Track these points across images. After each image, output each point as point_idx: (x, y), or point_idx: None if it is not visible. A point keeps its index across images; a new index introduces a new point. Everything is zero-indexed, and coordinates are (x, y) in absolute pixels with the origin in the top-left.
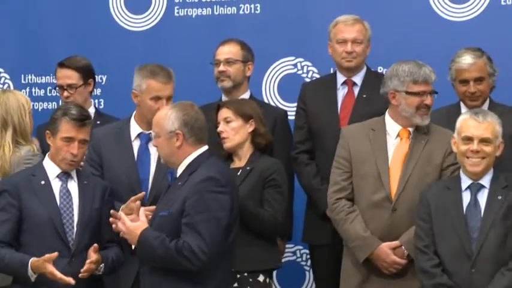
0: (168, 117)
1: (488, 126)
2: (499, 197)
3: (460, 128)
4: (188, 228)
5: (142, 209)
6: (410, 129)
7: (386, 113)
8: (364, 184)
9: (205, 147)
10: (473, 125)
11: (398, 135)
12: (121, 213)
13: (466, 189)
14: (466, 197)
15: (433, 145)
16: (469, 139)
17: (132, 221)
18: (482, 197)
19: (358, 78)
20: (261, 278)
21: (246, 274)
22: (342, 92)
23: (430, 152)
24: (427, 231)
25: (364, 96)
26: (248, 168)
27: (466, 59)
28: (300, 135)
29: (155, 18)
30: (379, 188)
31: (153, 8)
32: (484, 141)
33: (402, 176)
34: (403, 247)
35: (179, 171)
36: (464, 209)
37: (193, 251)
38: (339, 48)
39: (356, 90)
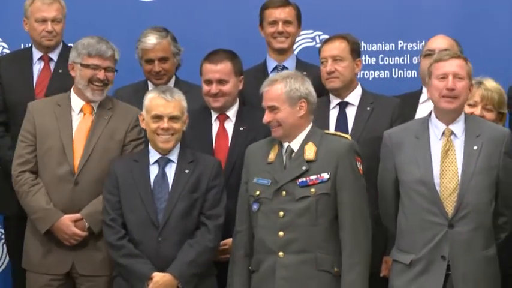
0: None
1: (176, 104)
2: (186, 171)
3: (150, 107)
4: None
5: None
6: (94, 105)
7: (72, 88)
8: (49, 158)
9: None
10: (162, 104)
11: (81, 110)
12: None
13: (154, 163)
14: (154, 170)
15: (117, 121)
16: (158, 117)
17: None
18: (171, 171)
19: (54, 54)
20: None
21: None
22: (37, 67)
23: (114, 128)
24: (113, 204)
25: (60, 71)
26: None
27: (151, 39)
28: None
29: None
30: (63, 162)
31: None
32: (173, 118)
33: (85, 150)
34: (84, 220)
35: None
36: (152, 181)
37: None
38: (38, 27)
39: (52, 65)
